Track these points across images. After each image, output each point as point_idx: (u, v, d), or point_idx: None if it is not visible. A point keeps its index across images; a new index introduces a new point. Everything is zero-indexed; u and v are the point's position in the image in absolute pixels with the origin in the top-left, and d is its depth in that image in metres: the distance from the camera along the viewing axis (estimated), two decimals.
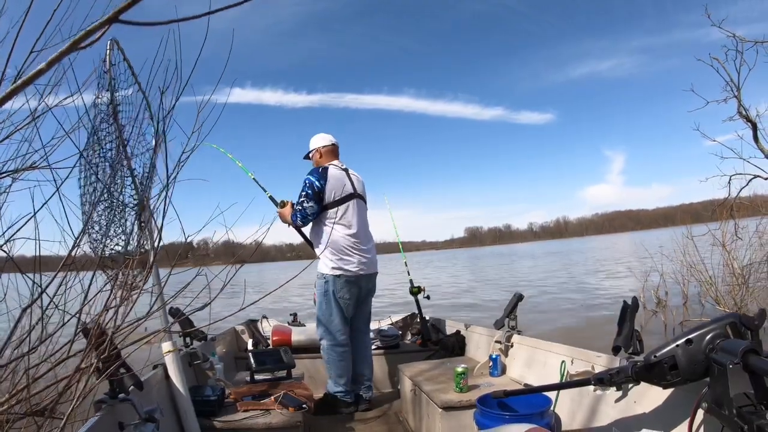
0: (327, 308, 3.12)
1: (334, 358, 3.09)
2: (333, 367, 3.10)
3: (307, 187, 3.11)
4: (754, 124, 7.75)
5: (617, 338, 1.67)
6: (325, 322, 3.12)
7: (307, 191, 3.10)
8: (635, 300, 1.72)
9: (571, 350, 2.21)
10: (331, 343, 3.09)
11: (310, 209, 3.09)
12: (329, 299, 3.11)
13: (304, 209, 3.09)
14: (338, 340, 3.10)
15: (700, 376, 1.26)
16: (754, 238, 7.37)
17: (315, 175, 3.13)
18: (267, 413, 2.23)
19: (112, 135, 1.73)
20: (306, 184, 3.12)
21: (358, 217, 3.20)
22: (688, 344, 1.27)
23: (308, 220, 3.12)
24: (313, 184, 3.10)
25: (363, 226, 3.26)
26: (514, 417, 1.75)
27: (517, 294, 2.85)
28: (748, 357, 1.10)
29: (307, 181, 3.12)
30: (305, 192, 3.11)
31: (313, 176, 3.13)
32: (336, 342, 3.10)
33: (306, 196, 3.10)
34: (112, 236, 1.90)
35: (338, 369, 3.09)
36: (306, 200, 3.09)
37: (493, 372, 2.67)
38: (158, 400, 1.99)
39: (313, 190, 3.09)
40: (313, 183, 3.10)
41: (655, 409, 1.57)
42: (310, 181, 3.11)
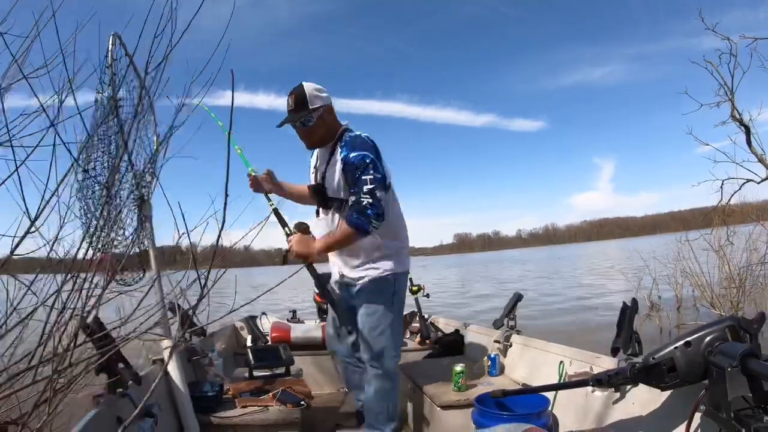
0: (398, 320, 2.36)
1: (393, 389, 2.32)
2: (393, 404, 2.31)
3: (372, 169, 2.09)
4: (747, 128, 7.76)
5: (616, 339, 1.67)
6: (392, 334, 2.29)
7: (375, 175, 2.09)
8: (635, 301, 1.72)
9: (569, 351, 2.21)
10: (395, 363, 2.33)
11: (384, 200, 2.12)
12: (399, 306, 2.37)
13: (378, 202, 2.08)
14: (397, 362, 2.36)
15: (699, 378, 1.26)
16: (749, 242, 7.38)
17: (373, 152, 2.14)
18: (265, 410, 2.23)
19: (112, 130, 1.73)
20: (368, 165, 2.09)
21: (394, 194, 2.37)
22: (686, 346, 1.27)
23: (383, 219, 2.12)
24: (378, 166, 2.11)
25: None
26: (511, 417, 1.75)
27: (517, 294, 2.85)
28: (746, 360, 1.10)
29: (368, 160, 2.09)
30: (372, 176, 2.08)
31: (373, 153, 2.14)
32: (396, 363, 2.35)
33: (376, 182, 2.08)
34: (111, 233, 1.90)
35: (395, 405, 2.33)
36: (378, 188, 2.08)
37: (492, 371, 2.67)
38: (157, 395, 2.00)
39: (382, 173, 2.13)
40: (377, 164, 2.11)
41: (652, 411, 1.57)
42: (372, 159, 2.10)
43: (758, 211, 7.90)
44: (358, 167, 2.10)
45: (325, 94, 2.24)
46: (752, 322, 1.25)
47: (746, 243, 7.37)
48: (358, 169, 2.09)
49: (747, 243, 7.36)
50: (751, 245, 7.32)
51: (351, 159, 2.11)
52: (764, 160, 7.74)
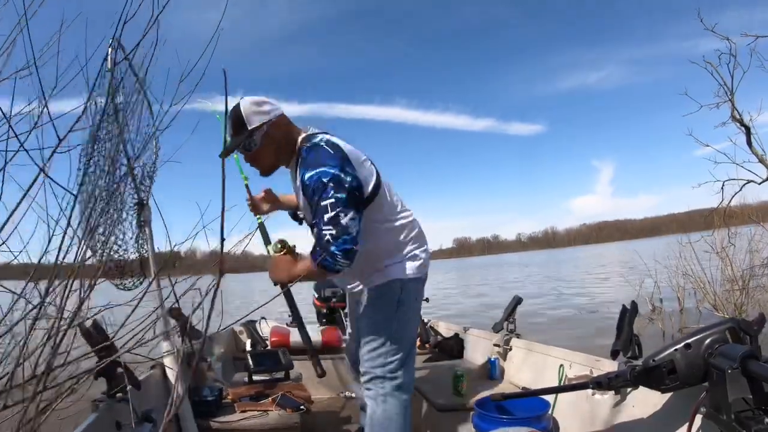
0: (401, 330, 1.93)
1: (399, 415, 1.89)
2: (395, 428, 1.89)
3: (331, 189, 1.66)
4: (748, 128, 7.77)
5: (616, 342, 1.67)
6: (389, 351, 1.90)
7: (336, 195, 1.66)
8: (634, 304, 1.72)
9: (569, 354, 2.21)
10: (397, 384, 1.89)
11: (354, 225, 1.68)
12: (404, 316, 1.94)
13: (344, 232, 1.65)
14: (408, 382, 1.94)
15: (699, 380, 1.26)
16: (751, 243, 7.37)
17: (330, 162, 1.70)
18: (265, 414, 2.23)
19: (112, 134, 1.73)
20: (326, 185, 1.67)
21: (392, 193, 1.99)
22: (686, 349, 1.27)
23: (355, 252, 1.69)
24: (339, 179, 1.68)
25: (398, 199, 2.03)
26: (512, 420, 1.75)
27: (516, 297, 2.85)
28: (747, 362, 1.10)
29: (325, 179, 1.67)
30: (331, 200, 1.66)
31: (332, 165, 1.69)
32: (406, 384, 1.93)
33: (338, 206, 1.65)
34: (110, 238, 1.90)
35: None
36: (342, 212, 1.65)
37: (492, 375, 2.66)
38: (156, 400, 1.99)
39: (344, 188, 1.68)
40: (338, 177, 1.67)
41: (653, 414, 1.57)
42: (333, 176, 1.67)
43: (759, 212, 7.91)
44: (315, 191, 1.70)
45: (267, 107, 1.86)
46: (752, 324, 1.25)
47: (748, 244, 7.36)
48: (315, 194, 1.70)
49: (749, 244, 7.35)
50: (753, 246, 7.31)
51: (306, 182, 1.72)
52: (765, 160, 7.75)
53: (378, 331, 1.93)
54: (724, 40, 7.68)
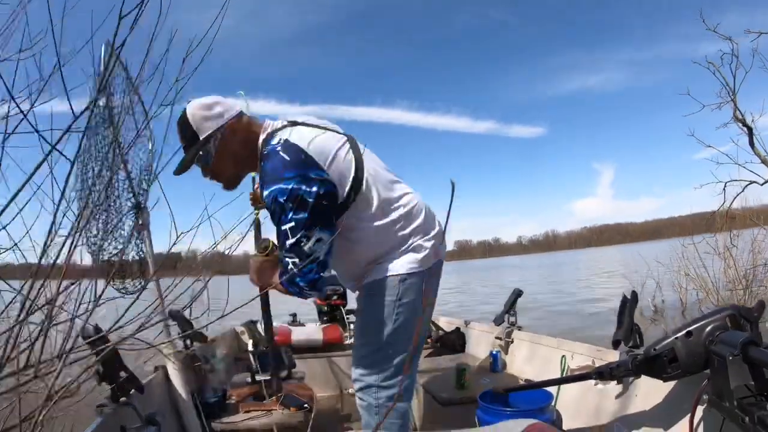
0: (398, 333, 1.65)
1: (395, 425, 1.67)
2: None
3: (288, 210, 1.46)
4: (750, 129, 7.76)
5: (617, 332, 1.68)
6: (386, 357, 1.67)
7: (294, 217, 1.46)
8: (634, 293, 1.72)
9: (571, 345, 2.22)
10: (391, 394, 1.66)
11: (321, 247, 1.49)
12: (402, 316, 1.65)
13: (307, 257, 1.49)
14: (406, 387, 1.74)
15: (701, 368, 1.26)
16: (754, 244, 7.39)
17: (286, 175, 1.46)
18: (269, 414, 2.23)
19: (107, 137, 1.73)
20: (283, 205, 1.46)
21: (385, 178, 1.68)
22: (687, 337, 1.27)
23: (323, 280, 1.56)
24: (299, 193, 1.45)
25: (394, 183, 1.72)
26: (515, 413, 1.75)
27: (516, 290, 2.86)
28: (747, 348, 1.10)
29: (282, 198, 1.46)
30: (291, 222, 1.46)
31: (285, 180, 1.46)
32: (403, 391, 1.71)
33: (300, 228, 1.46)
34: (108, 239, 1.90)
35: None
36: (304, 237, 1.47)
37: (494, 368, 2.67)
38: (159, 403, 2.00)
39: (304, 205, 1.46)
40: (297, 192, 1.45)
41: (655, 402, 1.57)
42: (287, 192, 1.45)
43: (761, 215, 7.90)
44: (273, 213, 1.51)
45: (219, 109, 1.59)
46: (752, 311, 1.25)
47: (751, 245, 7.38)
48: (274, 216, 1.51)
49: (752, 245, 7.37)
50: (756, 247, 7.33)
51: (265, 200, 1.52)
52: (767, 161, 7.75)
53: (370, 334, 1.69)
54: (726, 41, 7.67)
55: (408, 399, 1.74)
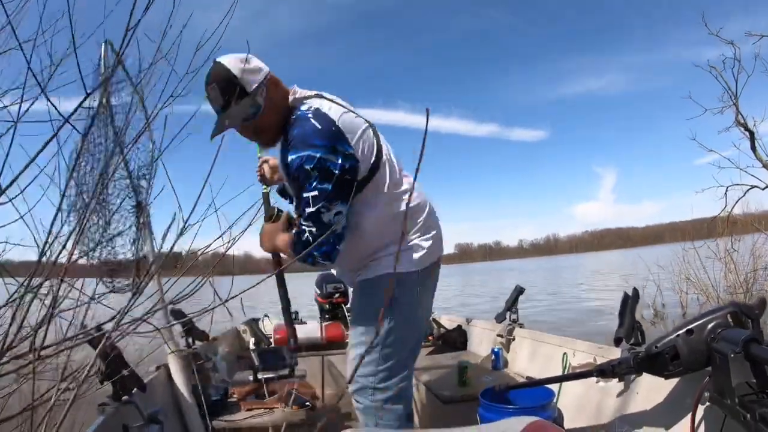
0: (394, 333, 1.64)
1: (392, 426, 1.67)
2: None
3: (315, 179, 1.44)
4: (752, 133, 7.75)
5: (618, 329, 1.68)
6: (380, 358, 1.64)
7: (319, 186, 1.44)
8: (635, 290, 1.72)
9: (573, 342, 2.22)
10: (387, 396, 1.66)
11: (340, 219, 1.50)
12: (399, 316, 1.64)
13: (327, 227, 1.48)
14: (403, 388, 1.69)
15: (702, 365, 1.26)
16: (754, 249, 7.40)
17: (322, 140, 1.45)
18: (271, 412, 2.23)
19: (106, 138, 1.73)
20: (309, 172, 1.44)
21: (396, 170, 1.68)
22: (689, 334, 1.27)
23: (338, 251, 1.55)
24: (327, 165, 1.44)
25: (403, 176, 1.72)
26: (517, 410, 1.75)
27: (518, 287, 2.86)
28: (749, 346, 1.10)
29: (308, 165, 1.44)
30: (315, 191, 1.45)
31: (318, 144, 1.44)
32: (398, 393, 1.67)
33: (321, 200, 1.45)
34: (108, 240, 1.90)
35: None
36: (324, 207, 1.46)
37: (496, 366, 2.67)
38: (162, 401, 2.00)
39: (330, 176, 1.44)
40: (326, 163, 1.43)
41: (657, 400, 1.57)
42: (315, 160, 1.43)
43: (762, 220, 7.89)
44: (296, 179, 1.50)
45: (255, 62, 1.56)
46: (754, 308, 1.25)
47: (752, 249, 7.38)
48: (295, 182, 1.51)
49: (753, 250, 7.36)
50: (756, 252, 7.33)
51: (289, 164, 1.50)
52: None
53: (366, 334, 1.68)
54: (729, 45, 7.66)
55: (404, 400, 1.70)
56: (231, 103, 1.49)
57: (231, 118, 1.53)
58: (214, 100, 1.53)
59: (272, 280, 1.71)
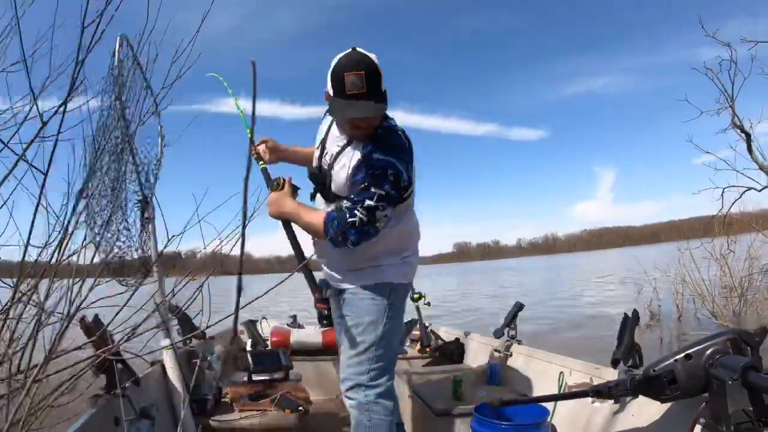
0: (387, 336, 1.85)
1: (384, 421, 1.83)
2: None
3: (388, 183, 1.65)
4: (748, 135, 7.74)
5: (616, 351, 1.67)
6: (372, 358, 1.83)
7: (389, 192, 1.65)
8: (635, 312, 1.71)
9: (570, 361, 2.20)
10: (379, 393, 1.83)
11: (384, 222, 1.69)
12: (394, 319, 1.87)
13: (372, 225, 1.66)
14: (388, 387, 1.87)
15: (699, 391, 1.25)
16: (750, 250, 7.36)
17: (403, 158, 1.71)
18: (263, 414, 2.23)
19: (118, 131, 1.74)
20: (388, 176, 1.65)
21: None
22: (687, 359, 1.26)
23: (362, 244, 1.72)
24: (400, 176, 1.67)
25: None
26: (510, 427, 1.74)
27: (518, 303, 2.84)
28: (747, 373, 1.09)
29: (391, 171, 1.66)
30: (384, 192, 1.65)
31: (401, 160, 1.69)
32: (385, 389, 1.85)
33: (384, 200, 1.65)
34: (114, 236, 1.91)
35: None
36: (382, 206, 1.65)
37: (492, 381, 2.65)
38: (155, 396, 2.00)
39: (399, 188, 1.69)
40: (400, 175, 1.67)
41: (652, 424, 1.56)
42: (398, 171, 1.67)
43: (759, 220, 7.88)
44: (373, 175, 1.65)
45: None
46: (753, 335, 1.24)
47: (747, 251, 7.35)
48: (371, 177, 1.65)
49: (748, 251, 7.34)
50: (752, 254, 7.29)
51: (374, 160, 1.66)
52: (765, 167, 7.72)
53: (364, 334, 1.83)
54: (725, 47, 7.68)
55: (393, 397, 1.89)
56: (369, 95, 1.61)
57: (357, 109, 1.62)
58: (355, 86, 1.60)
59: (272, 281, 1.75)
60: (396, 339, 1.92)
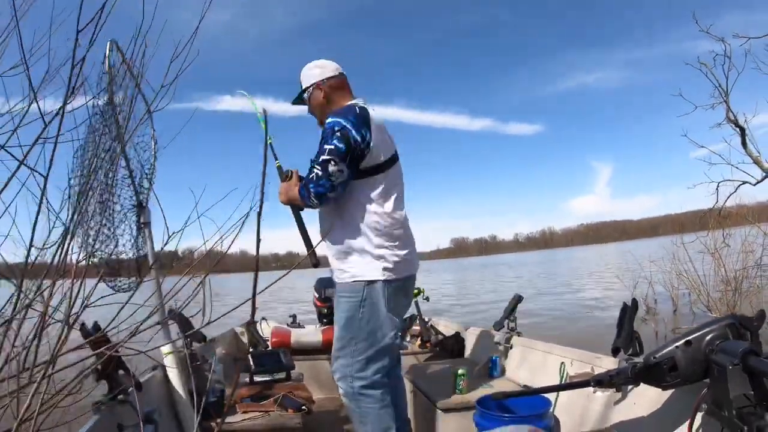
0: (365, 328, 1.96)
1: (373, 408, 1.98)
2: (373, 423, 1.98)
3: (335, 138, 1.82)
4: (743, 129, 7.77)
5: (617, 340, 1.67)
6: (355, 351, 1.98)
7: (337, 145, 1.81)
8: (635, 301, 1.72)
9: (570, 352, 2.21)
10: (363, 384, 1.98)
11: (338, 177, 1.83)
12: (371, 313, 1.96)
13: (326, 178, 1.82)
14: (374, 380, 1.99)
15: (700, 377, 1.26)
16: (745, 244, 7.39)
17: (350, 118, 1.86)
18: (266, 415, 2.23)
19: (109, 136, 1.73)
20: (335, 132, 1.83)
21: (402, 188, 2.08)
22: (687, 345, 1.27)
23: (328, 198, 1.88)
24: (348, 132, 1.82)
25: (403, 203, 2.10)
26: (513, 419, 1.75)
27: (517, 295, 2.85)
28: (747, 358, 1.10)
29: (337, 128, 1.83)
30: (332, 146, 1.81)
31: (347, 119, 1.85)
32: (371, 382, 1.98)
33: (333, 154, 1.81)
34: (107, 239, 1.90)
35: (381, 424, 1.98)
36: (333, 161, 1.81)
37: (493, 373, 2.66)
38: (157, 401, 1.99)
39: (348, 142, 1.82)
40: (347, 131, 1.83)
41: (654, 411, 1.57)
42: (343, 127, 1.83)
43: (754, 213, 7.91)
44: (324, 134, 1.88)
45: (317, 71, 2.10)
46: (753, 320, 1.25)
47: (742, 245, 7.38)
48: (323, 136, 1.88)
49: (743, 245, 7.37)
50: (747, 247, 7.33)
51: (326, 125, 1.91)
52: (760, 161, 7.76)
53: (343, 329, 2.00)
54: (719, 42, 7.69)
55: (381, 387, 2.00)
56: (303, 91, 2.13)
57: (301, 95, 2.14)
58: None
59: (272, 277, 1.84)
60: (379, 333, 1.98)
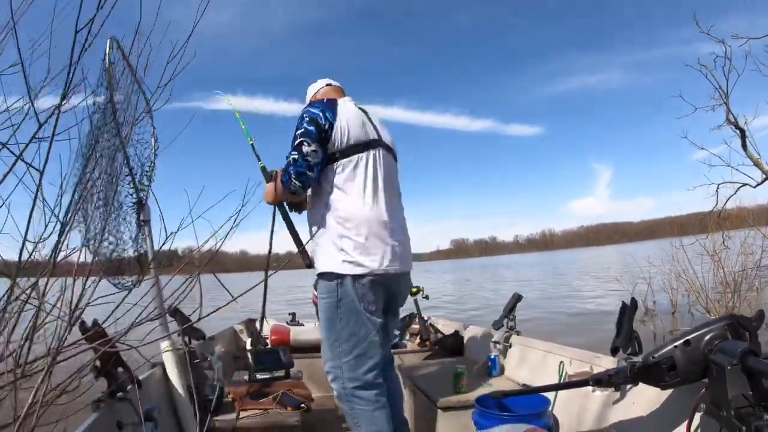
0: (346, 328, 1.92)
1: (365, 410, 1.92)
2: (366, 425, 1.92)
3: (305, 122, 1.92)
4: (743, 131, 7.75)
5: (616, 339, 1.67)
6: (341, 352, 1.94)
7: (307, 128, 1.91)
8: (634, 301, 1.72)
9: (569, 351, 2.21)
10: (356, 386, 1.92)
11: (313, 157, 1.90)
12: (349, 313, 1.92)
13: (302, 158, 1.90)
14: (367, 380, 1.93)
15: (699, 377, 1.26)
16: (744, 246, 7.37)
17: (316, 105, 1.98)
18: (266, 413, 2.23)
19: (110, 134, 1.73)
20: (304, 118, 1.93)
21: (384, 177, 2.02)
22: (686, 345, 1.27)
23: (308, 178, 1.93)
24: (315, 117, 1.92)
25: (392, 196, 2.06)
26: (512, 418, 1.75)
27: (516, 294, 2.85)
28: (746, 358, 1.10)
29: (306, 115, 1.94)
30: (302, 129, 1.91)
31: (314, 107, 1.97)
32: (363, 383, 1.93)
33: (305, 136, 1.90)
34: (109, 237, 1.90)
35: (374, 426, 1.92)
36: (306, 142, 1.90)
37: (492, 372, 2.66)
38: (157, 399, 1.99)
39: (316, 125, 1.91)
40: (315, 116, 1.93)
41: (653, 410, 1.57)
42: (311, 113, 1.93)
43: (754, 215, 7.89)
44: (297, 123, 1.97)
45: (309, 90, 2.28)
46: (752, 320, 1.25)
47: (741, 247, 7.37)
48: (297, 125, 1.96)
49: (742, 247, 7.36)
50: (746, 249, 7.32)
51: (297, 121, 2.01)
52: (760, 163, 7.74)
53: (326, 330, 1.98)
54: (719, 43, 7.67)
55: (373, 387, 1.94)
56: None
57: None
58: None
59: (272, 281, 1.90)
60: (362, 332, 1.93)
